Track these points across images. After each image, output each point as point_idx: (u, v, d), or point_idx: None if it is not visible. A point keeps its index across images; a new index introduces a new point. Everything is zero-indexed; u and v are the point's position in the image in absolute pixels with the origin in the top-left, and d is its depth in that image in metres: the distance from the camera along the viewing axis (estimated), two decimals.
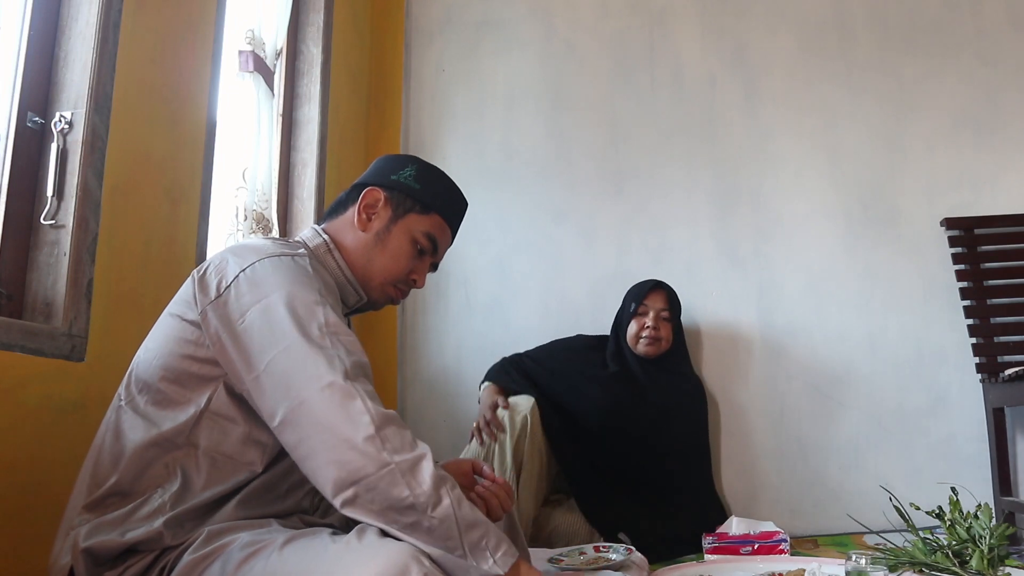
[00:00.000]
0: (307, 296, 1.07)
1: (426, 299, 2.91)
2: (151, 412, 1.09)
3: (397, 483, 0.94)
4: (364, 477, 0.94)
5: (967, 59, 2.77)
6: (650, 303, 2.48)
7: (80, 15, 1.61)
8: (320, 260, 1.25)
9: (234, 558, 0.96)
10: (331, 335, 1.04)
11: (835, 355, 2.67)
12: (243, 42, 2.33)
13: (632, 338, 2.46)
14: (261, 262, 1.10)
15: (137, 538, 1.00)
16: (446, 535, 0.95)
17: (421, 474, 0.95)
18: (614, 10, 3.01)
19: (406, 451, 0.96)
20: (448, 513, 0.95)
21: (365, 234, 1.29)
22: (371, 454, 0.94)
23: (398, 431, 0.98)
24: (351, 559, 0.88)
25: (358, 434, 0.95)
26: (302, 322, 1.04)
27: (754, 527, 2.09)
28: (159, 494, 1.05)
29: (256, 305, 1.06)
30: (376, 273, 1.29)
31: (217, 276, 1.10)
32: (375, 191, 1.30)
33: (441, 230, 1.34)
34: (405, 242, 1.30)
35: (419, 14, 3.13)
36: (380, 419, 0.97)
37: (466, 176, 2.94)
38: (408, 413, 2.86)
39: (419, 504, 0.94)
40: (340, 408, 0.97)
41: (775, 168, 2.82)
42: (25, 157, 1.54)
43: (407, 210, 1.30)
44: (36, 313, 1.51)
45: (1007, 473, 2.40)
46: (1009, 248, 2.58)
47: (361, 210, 1.29)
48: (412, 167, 1.33)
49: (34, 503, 1.39)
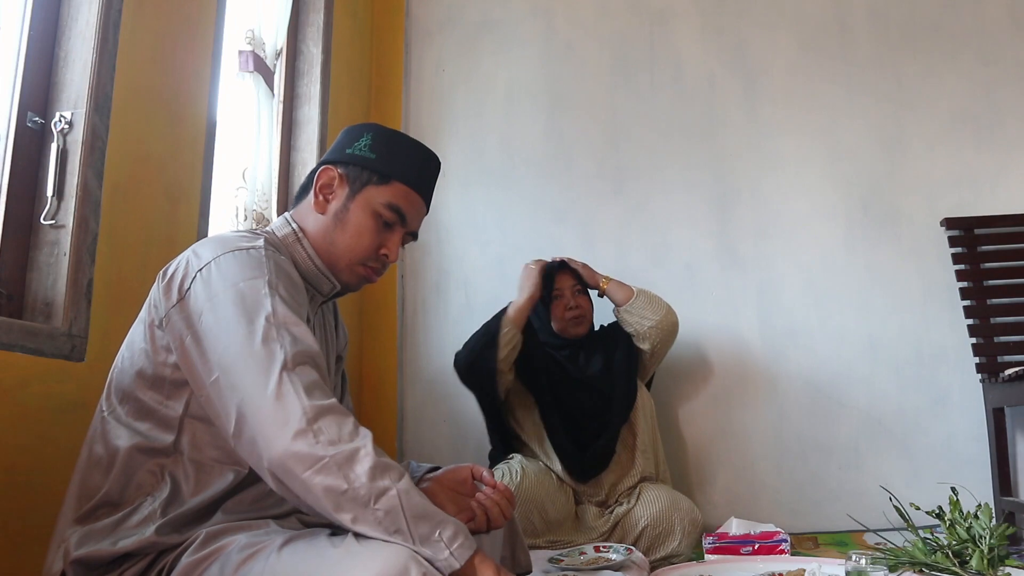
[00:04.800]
0: (255, 288, 1.04)
1: (426, 299, 2.91)
2: (133, 421, 1.08)
3: (333, 476, 0.91)
4: (298, 475, 0.92)
5: (967, 59, 2.77)
6: (563, 283, 2.42)
7: (80, 15, 1.61)
8: (289, 250, 1.21)
9: (232, 560, 0.95)
10: (277, 326, 1.00)
11: (835, 355, 2.68)
12: (243, 42, 2.33)
13: (559, 321, 2.40)
14: (216, 260, 1.07)
15: (128, 547, 1.00)
16: (394, 527, 0.91)
17: (358, 465, 0.92)
18: (614, 10, 3.01)
19: (343, 442, 0.93)
20: (394, 504, 0.92)
21: (324, 216, 1.22)
22: (302, 450, 0.92)
23: (335, 421, 0.94)
24: (350, 561, 0.88)
25: (288, 430, 0.92)
26: (248, 316, 1.00)
27: (754, 527, 2.09)
28: (148, 502, 1.04)
29: (207, 305, 1.03)
30: (340, 255, 1.22)
31: (179, 278, 1.08)
32: (329, 169, 1.23)
33: (406, 198, 1.23)
34: (366, 217, 1.21)
35: (419, 14, 3.13)
36: (313, 412, 0.94)
37: (466, 176, 2.94)
38: (408, 413, 2.86)
39: (359, 497, 0.91)
40: (273, 404, 0.94)
41: (775, 168, 2.82)
42: (25, 157, 1.54)
43: (364, 183, 1.22)
44: (36, 313, 1.51)
45: (1007, 473, 2.40)
46: (1009, 248, 2.58)
47: (317, 191, 1.23)
48: (367, 136, 1.25)
49: (34, 503, 1.39)
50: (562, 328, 2.40)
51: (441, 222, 2.93)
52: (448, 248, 2.91)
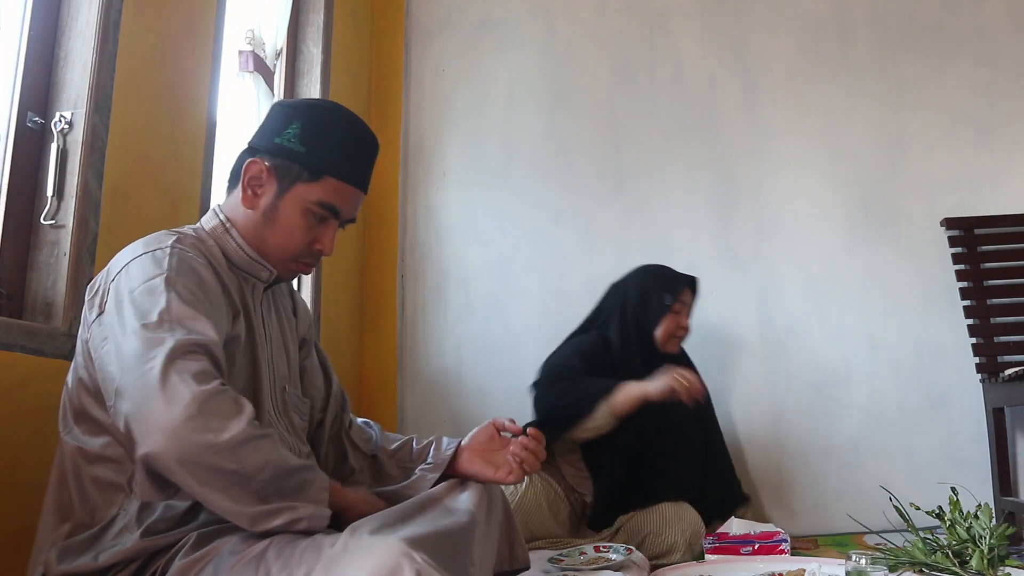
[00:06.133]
0: (152, 288, 1.02)
1: (426, 299, 2.91)
2: (90, 439, 1.07)
3: (225, 459, 0.91)
4: (191, 459, 0.91)
5: (967, 59, 2.77)
6: (685, 299, 2.31)
7: (80, 15, 1.61)
8: (219, 243, 1.18)
9: (226, 562, 0.95)
10: (170, 321, 0.98)
11: (835, 355, 2.67)
12: (243, 42, 2.33)
13: (666, 335, 2.27)
14: (125, 268, 1.07)
15: (111, 560, 1.00)
16: (276, 491, 0.95)
17: (247, 446, 0.93)
18: (614, 10, 3.01)
19: (230, 425, 0.93)
20: (273, 474, 0.94)
21: (254, 212, 1.18)
22: (186, 435, 0.90)
23: (221, 404, 0.94)
24: (345, 559, 0.88)
25: (175, 416, 0.91)
26: (143, 316, 0.99)
27: (754, 527, 2.09)
28: (122, 516, 1.04)
29: (115, 315, 1.02)
30: (271, 252, 1.19)
31: (99, 294, 1.08)
32: (256, 163, 1.17)
33: (338, 193, 1.18)
34: (296, 216, 1.17)
35: (419, 14, 3.13)
36: (202, 396, 0.92)
37: (466, 176, 2.94)
38: (408, 413, 2.86)
39: (247, 475, 0.93)
40: (159, 392, 0.92)
41: (775, 168, 2.82)
42: (25, 157, 1.54)
43: (293, 180, 1.16)
44: (36, 313, 1.51)
45: (1007, 473, 2.40)
46: (1009, 248, 2.58)
47: (246, 185, 1.18)
48: (295, 124, 1.17)
49: (34, 503, 1.39)
50: (664, 341, 2.27)
51: (441, 222, 2.93)
52: (448, 248, 2.91)
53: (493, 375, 2.81)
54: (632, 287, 2.32)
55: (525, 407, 2.23)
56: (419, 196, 2.96)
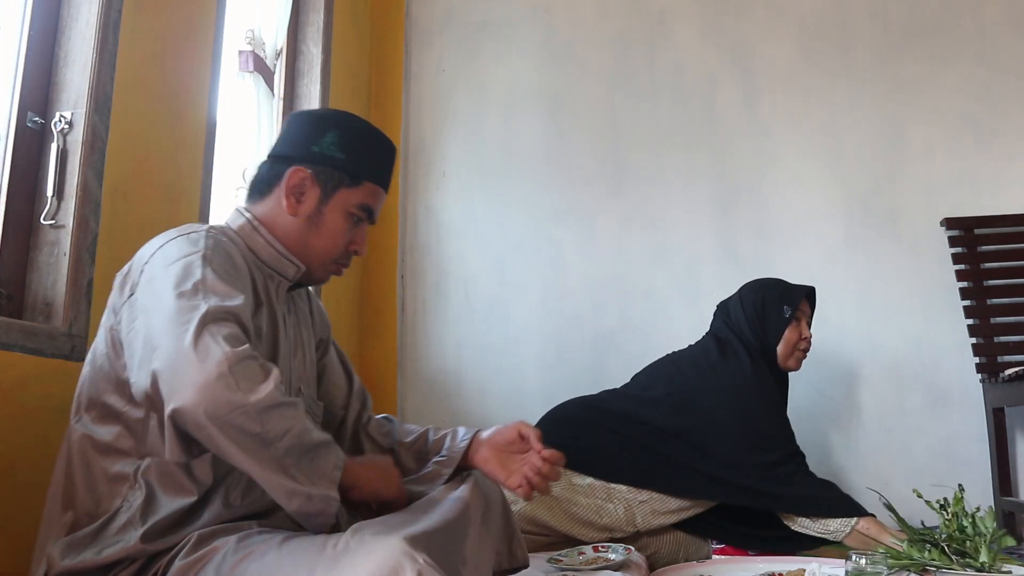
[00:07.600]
0: (189, 263, 1.05)
1: (426, 299, 2.91)
2: (100, 428, 1.08)
3: (252, 421, 0.94)
4: (218, 416, 0.93)
5: (967, 60, 2.76)
6: (805, 308, 2.14)
7: (80, 15, 1.61)
8: (246, 240, 1.22)
9: (227, 561, 0.96)
10: (204, 290, 1.02)
11: (835, 355, 2.67)
12: (243, 42, 2.33)
13: (788, 348, 2.10)
14: (160, 249, 1.10)
15: (114, 556, 1.01)
16: (295, 463, 0.97)
17: (273, 411, 0.96)
18: (614, 10, 3.01)
19: (257, 384, 0.96)
20: (293, 443, 0.97)
21: (296, 219, 1.23)
22: (217, 392, 0.93)
23: (252, 366, 0.97)
24: (346, 560, 0.88)
25: (207, 374, 0.93)
26: (178, 285, 1.02)
27: None
28: (125, 508, 1.04)
29: (148, 289, 1.05)
30: (315, 256, 1.25)
31: (131, 276, 1.10)
32: (299, 171, 1.22)
33: (374, 196, 1.27)
34: (339, 220, 1.24)
35: (419, 14, 3.13)
36: (234, 357, 0.95)
37: (466, 176, 2.94)
38: (408, 413, 2.85)
39: (269, 439, 0.95)
40: (192, 352, 0.95)
41: (775, 168, 2.82)
42: (25, 157, 1.54)
43: (336, 186, 1.23)
44: (36, 313, 1.51)
45: (1007, 473, 2.40)
46: (1009, 248, 2.58)
47: (288, 192, 1.22)
48: (332, 133, 1.24)
49: (35, 503, 1.39)
50: (786, 356, 2.10)
51: (441, 222, 2.93)
52: (448, 248, 2.91)
53: (493, 375, 2.81)
54: (747, 303, 2.15)
55: (525, 407, 2.23)
56: (419, 196, 2.96)
